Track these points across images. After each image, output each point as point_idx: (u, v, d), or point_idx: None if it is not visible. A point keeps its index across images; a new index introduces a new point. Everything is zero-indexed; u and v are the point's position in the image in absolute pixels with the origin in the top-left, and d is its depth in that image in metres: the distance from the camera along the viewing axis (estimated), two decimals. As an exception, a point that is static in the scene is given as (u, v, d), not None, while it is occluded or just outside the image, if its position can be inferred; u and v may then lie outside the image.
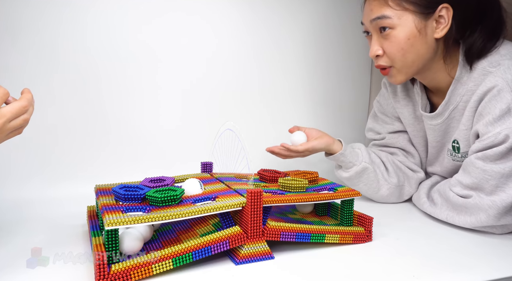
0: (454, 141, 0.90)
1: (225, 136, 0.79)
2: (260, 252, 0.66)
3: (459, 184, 0.82)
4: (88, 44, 1.01)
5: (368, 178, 0.96)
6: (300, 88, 1.22)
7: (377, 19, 0.82)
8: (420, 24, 0.81)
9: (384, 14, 0.81)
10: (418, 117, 0.99)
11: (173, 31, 1.07)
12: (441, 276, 0.62)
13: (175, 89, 1.10)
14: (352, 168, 0.96)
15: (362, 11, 0.89)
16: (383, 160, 0.99)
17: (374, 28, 0.85)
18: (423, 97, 0.94)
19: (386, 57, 0.85)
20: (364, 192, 0.99)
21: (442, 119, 0.90)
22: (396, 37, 0.82)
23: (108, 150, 1.05)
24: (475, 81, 0.83)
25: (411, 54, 0.83)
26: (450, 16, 0.81)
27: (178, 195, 0.65)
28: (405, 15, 0.81)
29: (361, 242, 0.74)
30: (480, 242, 0.76)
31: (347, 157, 0.95)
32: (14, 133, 0.62)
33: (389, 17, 0.81)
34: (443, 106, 0.88)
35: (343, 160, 0.96)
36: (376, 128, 1.07)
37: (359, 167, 0.95)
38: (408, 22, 0.81)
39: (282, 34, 1.17)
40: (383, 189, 0.97)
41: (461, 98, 0.86)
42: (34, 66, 0.97)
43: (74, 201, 0.92)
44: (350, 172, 0.96)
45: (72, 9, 0.98)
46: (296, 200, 0.70)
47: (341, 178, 1.00)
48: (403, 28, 0.81)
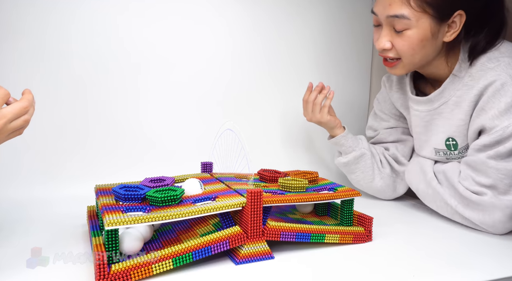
0: (448, 139, 0.89)
1: (225, 136, 0.79)
2: (260, 252, 0.66)
3: (470, 179, 0.82)
4: (89, 45, 1.01)
5: (365, 165, 1.00)
6: (300, 88, 1.22)
7: (395, 17, 0.81)
8: (435, 28, 0.81)
9: (403, 14, 0.80)
10: (407, 108, 1.00)
11: (173, 30, 1.07)
12: (441, 276, 0.62)
13: (175, 89, 1.10)
14: (351, 153, 1.00)
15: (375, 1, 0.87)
16: (378, 152, 1.03)
17: (388, 23, 0.83)
18: (411, 83, 0.95)
19: (394, 51, 0.86)
20: (359, 180, 1.02)
21: (430, 108, 0.90)
22: (410, 37, 0.82)
23: (108, 150, 1.05)
24: (472, 77, 0.84)
25: (420, 54, 0.84)
26: (462, 22, 0.81)
27: (178, 195, 0.65)
28: (424, 18, 0.80)
29: (361, 242, 0.74)
30: (480, 242, 0.76)
31: (348, 141, 1.00)
32: (15, 134, 0.62)
33: (408, 18, 0.80)
34: (436, 95, 0.88)
35: (343, 144, 1.00)
36: (374, 126, 1.10)
37: (357, 153, 1.00)
38: (425, 25, 0.80)
39: (281, 34, 1.17)
40: (377, 178, 1.01)
41: (455, 92, 0.86)
42: (35, 67, 0.97)
43: (74, 201, 0.92)
44: (349, 157, 1.01)
45: (73, 10, 0.98)
46: (296, 200, 0.70)
47: (339, 165, 1.05)
48: (419, 30, 0.81)
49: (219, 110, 1.14)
